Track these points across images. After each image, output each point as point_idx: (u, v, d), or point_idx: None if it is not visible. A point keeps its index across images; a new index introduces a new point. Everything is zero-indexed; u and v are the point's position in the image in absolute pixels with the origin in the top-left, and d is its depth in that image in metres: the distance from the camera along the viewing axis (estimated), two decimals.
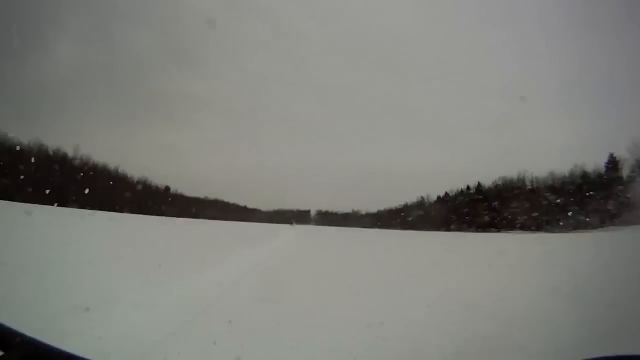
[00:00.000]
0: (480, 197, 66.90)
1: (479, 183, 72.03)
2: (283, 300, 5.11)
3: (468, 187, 72.69)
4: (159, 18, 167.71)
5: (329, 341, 3.56)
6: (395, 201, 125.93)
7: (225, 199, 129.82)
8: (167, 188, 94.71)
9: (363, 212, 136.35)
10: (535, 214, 56.30)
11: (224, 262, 8.29)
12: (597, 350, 1.33)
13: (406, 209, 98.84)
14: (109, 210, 44.72)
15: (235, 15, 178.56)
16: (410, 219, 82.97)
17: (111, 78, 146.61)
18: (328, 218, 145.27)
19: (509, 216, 58.40)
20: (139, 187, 76.22)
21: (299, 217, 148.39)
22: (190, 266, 7.18)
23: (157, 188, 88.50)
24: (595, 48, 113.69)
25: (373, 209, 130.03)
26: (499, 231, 58.11)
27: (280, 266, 9.26)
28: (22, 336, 0.84)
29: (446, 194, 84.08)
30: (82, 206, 38.44)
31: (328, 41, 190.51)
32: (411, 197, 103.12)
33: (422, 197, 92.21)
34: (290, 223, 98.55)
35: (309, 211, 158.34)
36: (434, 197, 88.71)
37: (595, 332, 3.54)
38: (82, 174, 53.99)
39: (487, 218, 58.93)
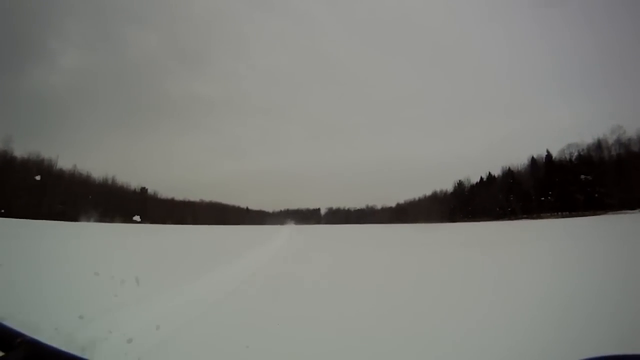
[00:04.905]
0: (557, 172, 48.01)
1: (547, 152, 52.62)
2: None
3: (533, 158, 53.19)
4: (164, 17, 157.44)
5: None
6: (418, 192, 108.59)
7: (229, 202, 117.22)
8: (143, 190, 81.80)
9: (379, 207, 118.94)
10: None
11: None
12: None
13: (434, 199, 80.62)
14: None
15: (244, 10, 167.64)
16: (446, 207, 64.92)
17: (116, 84, 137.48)
18: (339, 215, 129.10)
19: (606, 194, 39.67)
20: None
21: (308, 216, 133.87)
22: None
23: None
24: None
25: (391, 202, 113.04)
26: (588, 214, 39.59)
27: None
28: (22, 336, 0.85)
29: (490, 174, 65.52)
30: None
31: (342, 34, 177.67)
32: (439, 186, 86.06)
33: (459, 181, 73.53)
34: (283, 224, 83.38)
35: (318, 209, 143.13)
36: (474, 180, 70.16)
37: None
38: None
39: (580, 196, 40.03)
